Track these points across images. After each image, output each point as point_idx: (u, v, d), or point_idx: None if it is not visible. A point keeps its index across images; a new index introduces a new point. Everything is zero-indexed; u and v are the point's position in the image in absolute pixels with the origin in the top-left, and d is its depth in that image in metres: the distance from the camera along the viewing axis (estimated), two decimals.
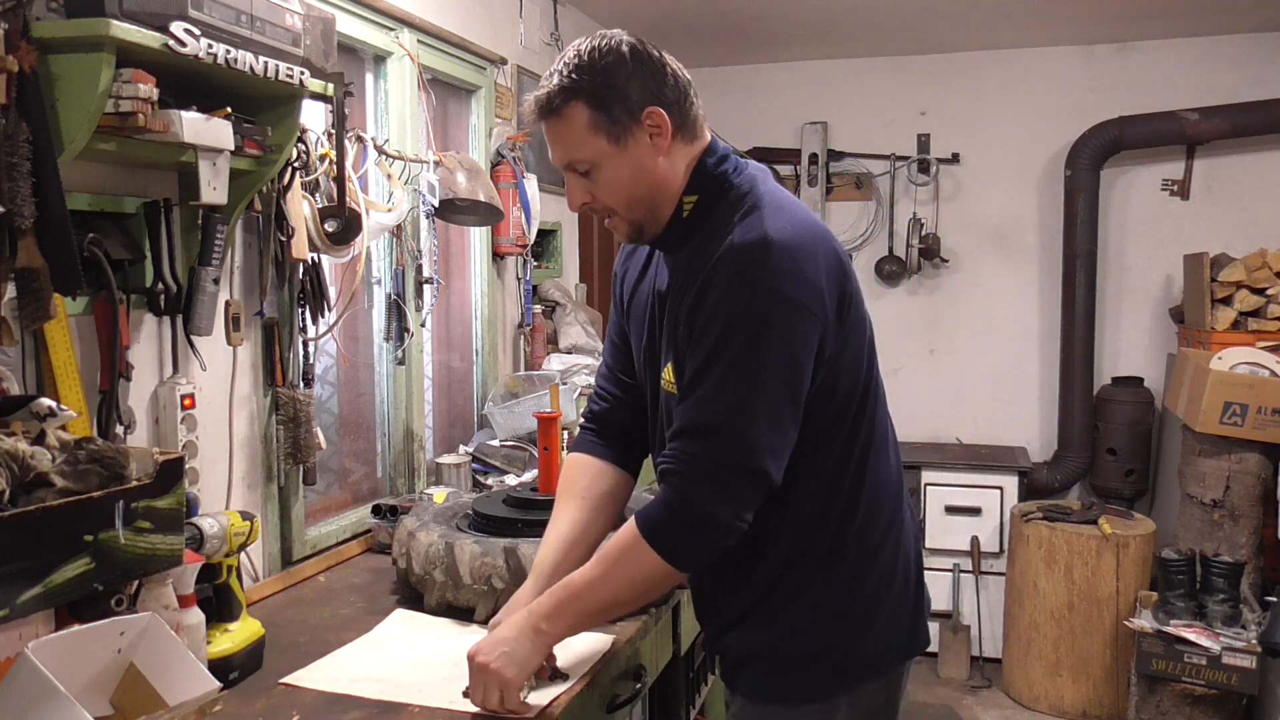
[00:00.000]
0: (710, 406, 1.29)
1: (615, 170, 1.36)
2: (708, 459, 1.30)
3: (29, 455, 1.30)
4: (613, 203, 1.40)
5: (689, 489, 1.31)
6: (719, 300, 1.30)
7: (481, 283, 3.06)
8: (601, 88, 1.33)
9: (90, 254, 1.58)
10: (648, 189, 1.38)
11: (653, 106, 1.35)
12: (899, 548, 1.49)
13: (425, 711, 1.45)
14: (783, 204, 1.39)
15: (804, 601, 1.43)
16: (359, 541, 2.35)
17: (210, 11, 1.53)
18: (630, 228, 1.43)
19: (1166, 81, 4.38)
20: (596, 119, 1.34)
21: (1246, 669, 3.08)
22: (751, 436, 1.29)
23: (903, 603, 1.49)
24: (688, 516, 1.31)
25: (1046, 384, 4.66)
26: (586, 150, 1.36)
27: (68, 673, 1.19)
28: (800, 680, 1.44)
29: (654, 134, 1.36)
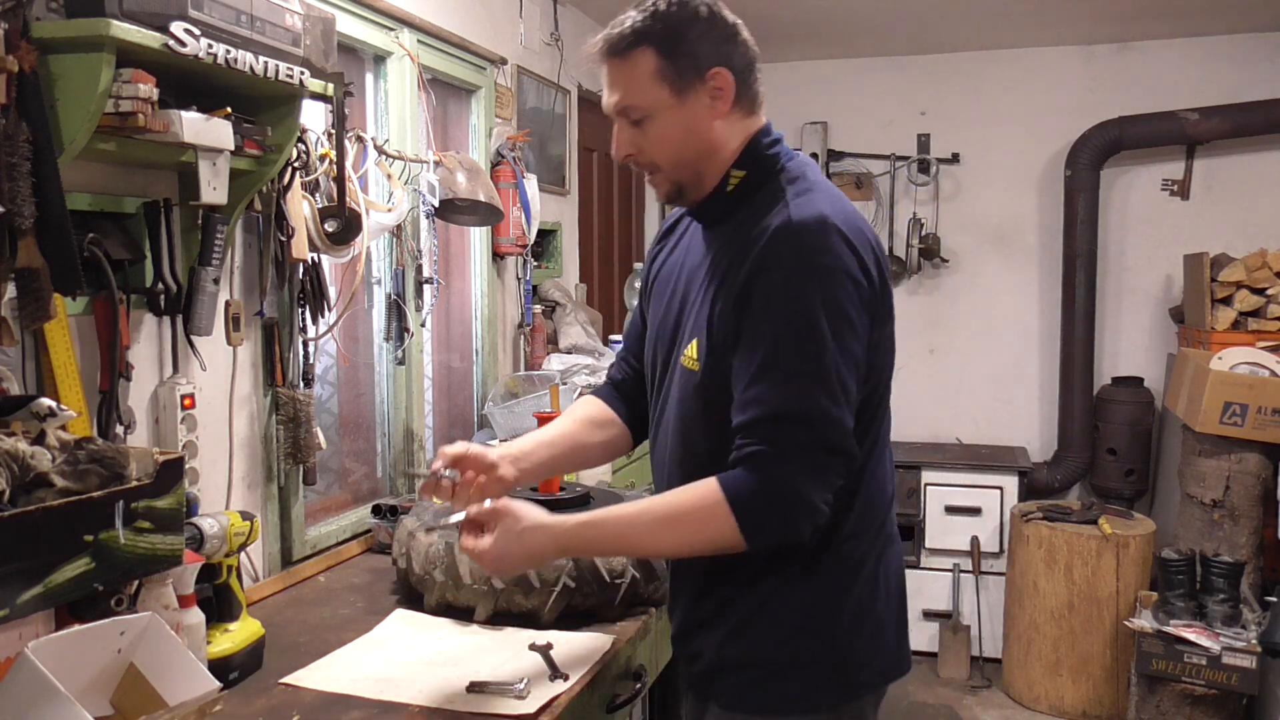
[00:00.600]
0: (793, 389, 1.27)
1: (670, 124, 1.35)
2: (799, 441, 1.27)
3: (29, 455, 1.29)
4: (660, 158, 1.39)
5: (783, 471, 1.27)
6: (785, 279, 1.28)
7: (481, 283, 3.06)
8: (673, 38, 1.32)
9: (90, 254, 1.58)
10: (697, 150, 1.37)
11: (719, 68, 1.34)
12: (886, 561, 1.46)
13: (425, 711, 1.45)
14: (833, 192, 1.40)
15: (787, 607, 1.39)
16: (359, 541, 2.35)
17: (210, 11, 1.53)
18: (671, 187, 1.42)
19: (1166, 81, 4.38)
20: (662, 67, 1.33)
21: (1246, 669, 3.08)
22: (836, 416, 1.28)
23: (887, 619, 1.46)
24: (782, 497, 1.27)
25: (1046, 384, 4.66)
26: (645, 98, 1.35)
27: (68, 673, 1.19)
28: (783, 691, 1.40)
29: (715, 95, 1.35)
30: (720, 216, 1.42)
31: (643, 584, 1.81)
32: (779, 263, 1.29)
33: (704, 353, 1.37)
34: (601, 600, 1.76)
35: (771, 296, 1.29)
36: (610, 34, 1.35)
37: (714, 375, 1.36)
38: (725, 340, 1.34)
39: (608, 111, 1.40)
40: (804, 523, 1.29)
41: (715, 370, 1.36)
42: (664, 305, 1.51)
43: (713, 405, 1.37)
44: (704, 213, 1.44)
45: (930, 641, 4.29)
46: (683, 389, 1.42)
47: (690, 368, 1.40)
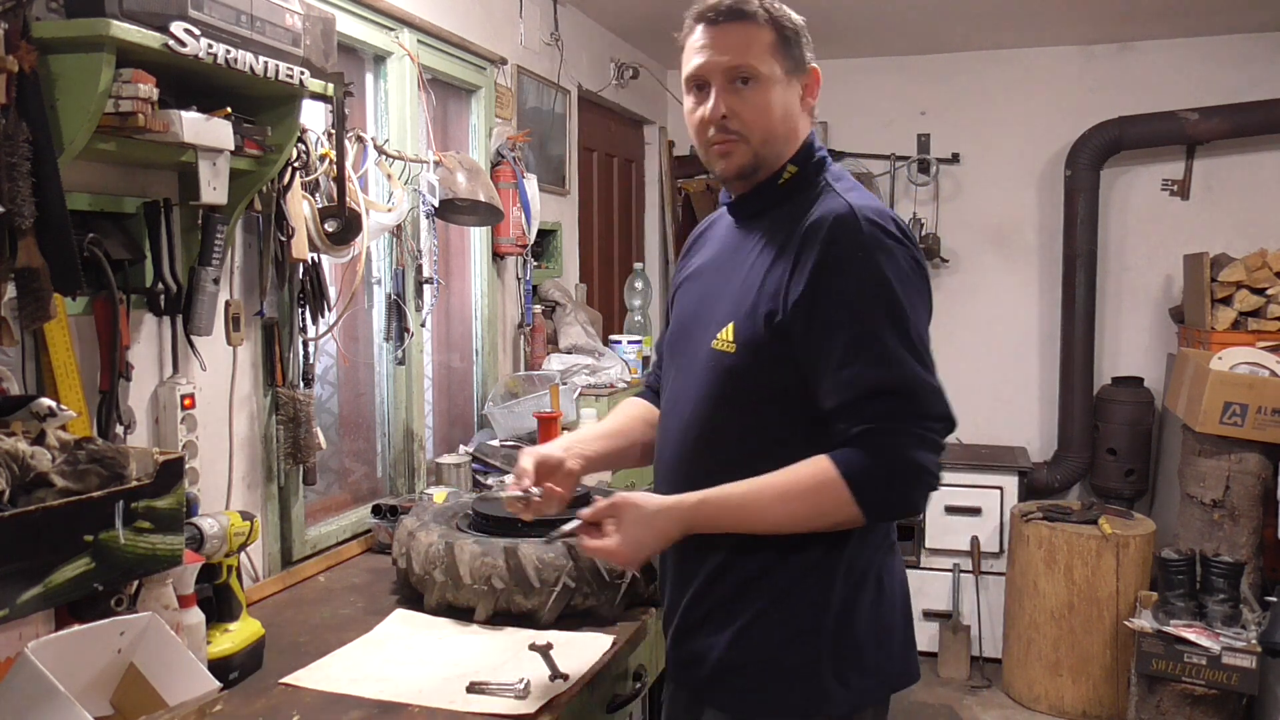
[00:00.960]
0: (889, 364, 1.31)
1: (774, 96, 1.43)
2: (904, 414, 1.31)
3: (29, 455, 1.29)
4: (754, 126, 1.42)
5: (895, 445, 1.30)
6: (862, 260, 1.33)
7: (481, 283, 3.06)
8: (788, 29, 1.44)
9: (90, 254, 1.58)
10: (785, 131, 1.45)
11: (818, 68, 1.49)
12: (891, 567, 1.48)
13: (425, 711, 1.45)
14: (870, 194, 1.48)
15: (797, 608, 1.39)
16: (359, 541, 2.35)
17: (210, 11, 1.53)
18: (750, 160, 1.45)
19: (1166, 81, 4.38)
20: (779, 47, 1.43)
21: (1246, 669, 3.08)
22: (932, 384, 1.34)
23: (894, 626, 1.46)
24: (899, 473, 1.31)
25: (1046, 384, 4.66)
26: (764, 64, 1.41)
27: (68, 673, 1.19)
28: (786, 696, 1.40)
29: (808, 90, 1.48)
30: (761, 209, 1.48)
31: (643, 584, 1.81)
32: (852, 245, 1.33)
33: (743, 335, 1.39)
34: (601, 600, 1.77)
35: (850, 278, 1.33)
36: (736, 3, 1.42)
37: (752, 357, 1.38)
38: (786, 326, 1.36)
39: (707, 72, 1.43)
40: (920, 493, 1.33)
41: (754, 352, 1.38)
42: (687, 302, 1.56)
43: (745, 385, 1.40)
44: (747, 204, 1.50)
45: (930, 641, 4.28)
46: (712, 371, 1.43)
47: (723, 350, 1.41)
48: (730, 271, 1.47)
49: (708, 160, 1.49)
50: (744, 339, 1.39)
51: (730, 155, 1.45)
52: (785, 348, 1.36)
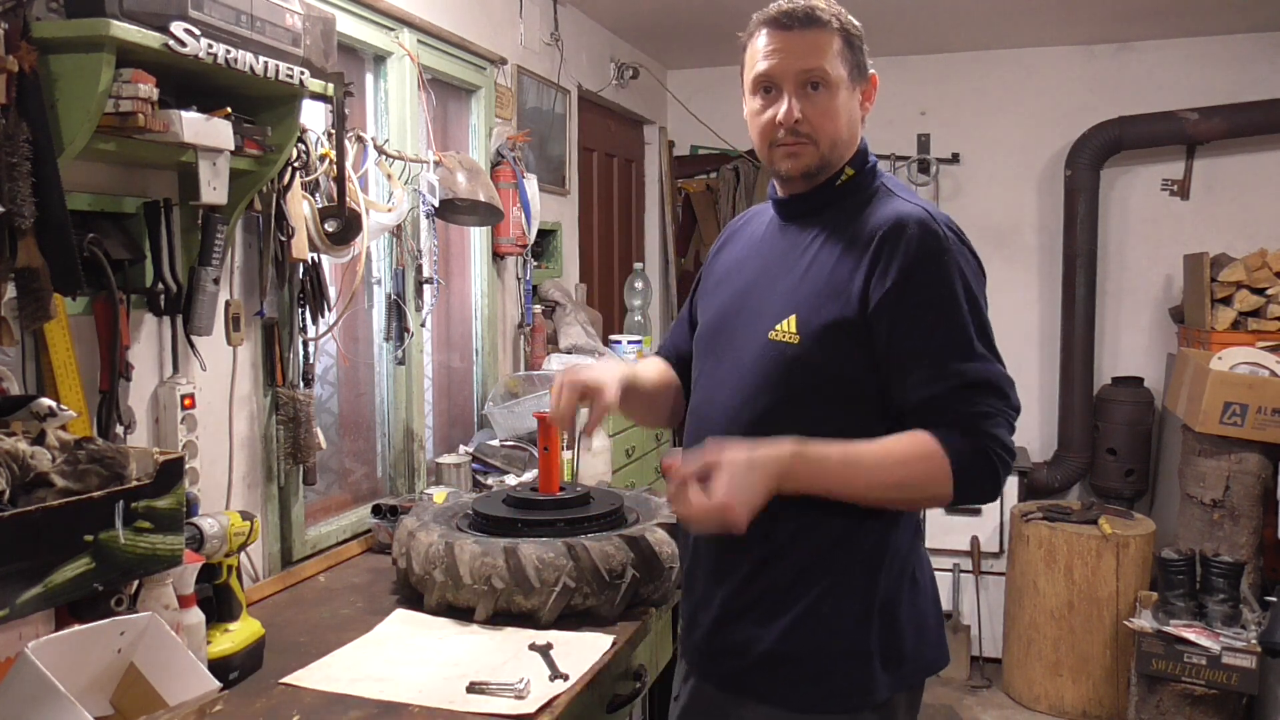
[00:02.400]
0: (980, 360, 1.39)
1: (841, 101, 1.48)
2: (997, 406, 1.38)
3: (29, 455, 1.30)
4: (824, 129, 1.47)
5: (993, 433, 1.36)
6: (946, 265, 1.40)
7: (481, 283, 3.06)
8: (852, 37, 1.50)
9: (90, 254, 1.58)
10: (848, 135, 1.51)
11: (876, 75, 1.55)
12: (920, 555, 1.54)
13: (425, 711, 1.45)
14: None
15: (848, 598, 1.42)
16: (359, 541, 2.35)
17: (210, 11, 1.53)
18: (816, 161, 1.49)
19: (1166, 81, 4.38)
20: (846, 53, 1.49)
21: (1246, 669, 3.08)
22: (1011, 380, 1.41)
23: (928, 611, 1.53)
24: (995, 458, 1.36)
25: (1046, 384, 4.66)
26: (834, 68, 1.47)
27: (68, 673, 1.19)
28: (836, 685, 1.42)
29: (866, 95, 1.55)
30: (817, 209, 1.52)
31: (643, 584, 1.81)
32: (936, 250, 1.41)
33: (809, 327, 1.42)
34: (601, 600, 1.76)
35: (936, 281, 1.39)
36: (808, 8, 1.47)
37: (818, 348, 1.41)
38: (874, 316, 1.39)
39: (778, 75, 1.47)
40: (1005, 477, 1.38)
41: (821, 344, 1.41)
42: (729, 293, 1.58)
43: (808, 375, 1.42)
44: (801, 203, 1.54)
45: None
46: (771, 362, 1.44)
47: (785, 340, 1.43)
48: (783, 267, 1.50)
49: (770, 159, 1.52)
50: (810, 330, 1.42)
51: (798, 157, 1.48)
52: (858, 343, 1.40)
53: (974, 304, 1.41)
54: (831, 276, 1.43)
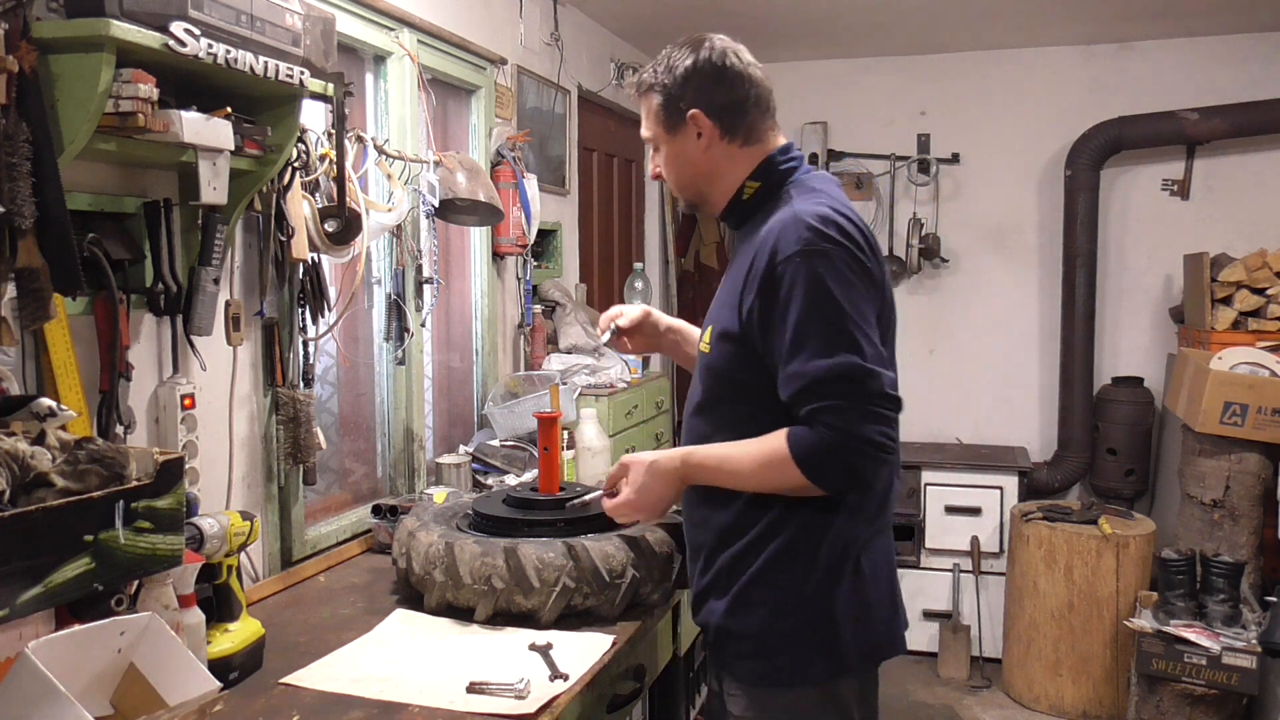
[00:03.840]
0: (828, 356, 1.44)
1: (668, 154, 1.67)
2: (845, 395, 1.43)
3: (29, 455, 1.30)
4: (669, 179, 1.70)
5: (837, 423, 1.43)
6: (798, 262, 1.46)
7: (481, 283, 3.06)
8: (665, 87, 1.62)
9: (90, 254, 1.58)
10: (694, 175, 1.66)
11: (697, 110, 1.60)
12: (874, 548, 1.58)
13: (425, 711, 1.45)
14: (839, 196, 1.60)
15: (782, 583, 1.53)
16: (359, 541, 2.35)
17: (210, 11, 1.53)
18: (684, 202, 1.74)
19: (1166, 81, 4.38)
20: (660, 111, 1.64)
21: (1246, 669, 3.08)
22: (869, 368, 1.44)
23: (876, 603, 1.57)
24: (840, 447, 1.43)
25: (1046, 384, 4.66)
26: (651, 131, 1.68)
27: (68, 673, 1.19)
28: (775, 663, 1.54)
29: (699, 134, 1.61)
30: (741, 220, 1.66)
31: (643, 584, 1.81)
32: (789, 249, 1.47)
33: (714, 339, 1.59)
34: (601, 600, 1.77)
35: (790, 281, 1.46)
36: (638, 78, 1.69)
37: (722, 357, 1.57)
38: (743, 334, 1.53)
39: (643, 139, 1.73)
40: (865, 464, 1.44)
41: (723, 353, 1.57)
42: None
43: (720, 382, 1.60)
44: (727, 217, 1.69)
45: (930, 641, 4.29)
46: (702, 370, 1.65)
47: (705, 351, 1.62)
48: (724, 280, 1.66)
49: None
50: (716, 341, 1.59)
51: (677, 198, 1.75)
52: (748, 350, 1.53)
53: (828, 303, 1.44)
54: (733, 288, 1.57)
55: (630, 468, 1.65)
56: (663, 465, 1.62)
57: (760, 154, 1.62)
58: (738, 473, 1.54)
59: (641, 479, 1.63)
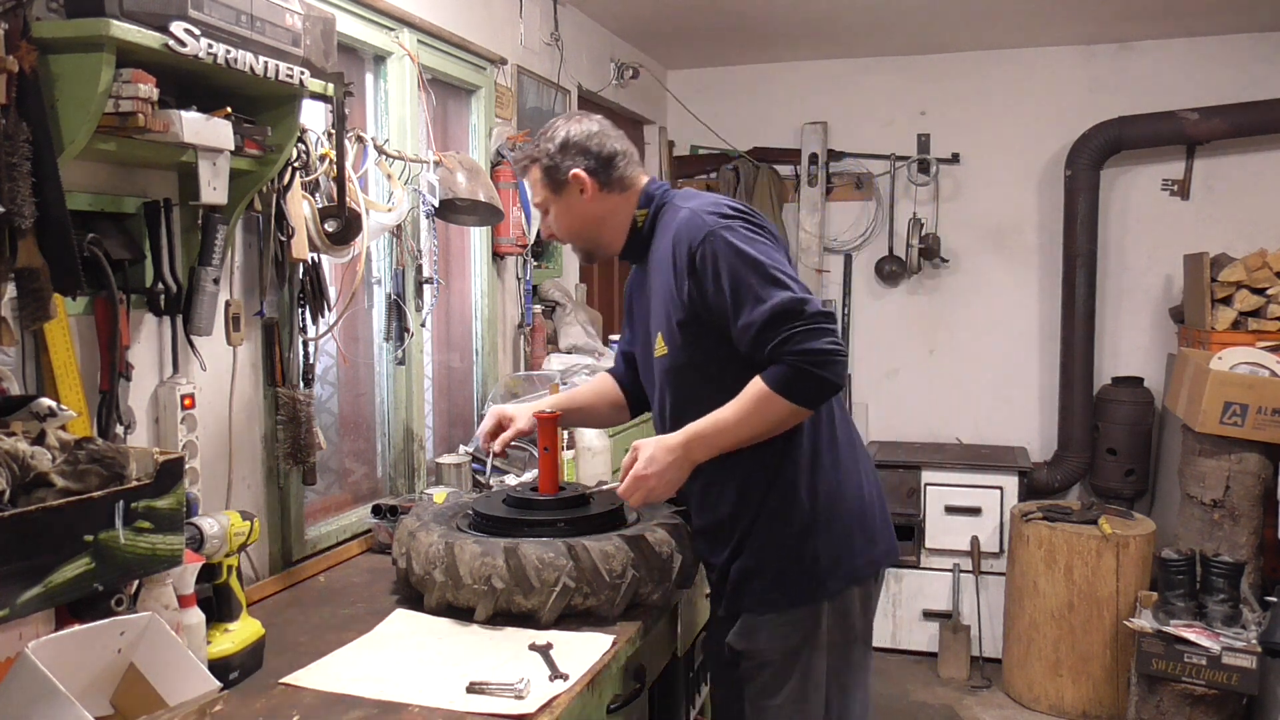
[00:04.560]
0: (764, 301, 1.69)
1: (558, 212, 1.94)
2: (790, 326, 1.68)
3: (29, 455, 1.30)
4: (561, 234, 1.97)
5: (794, 350, 1.67)
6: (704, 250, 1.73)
7: (481, 283, 3.06)
8: (546, 156, 1.90)
9: (90, 254, 1.58)
10: (583, 225, 1.94)
11: (578, 170, 1.88)
12: (861, 468, 1.90)
13: (425, 711, 1.45)
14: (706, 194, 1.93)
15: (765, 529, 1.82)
16: (359, 541, 2.35)
17: (210, 11, 1.53)
18: (581, 253, 2.03)
19: (1166, 81, 4.38)
20: (543, 178, 1.92)
21: (1246, 669, 3.08)
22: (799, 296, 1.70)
23: (853, 528, 1.85)
24: (807, 368, 1.67)
25: (1046, 384, 4.66)
26: (540, 198, 1.95)
27: (68, 673, 1.19)
28: (790, 588, 1.81)
29: (581, 189, 1.89)
30: (643, 250, 1.94)
31: (643, 584, 1.81)
32: (699, 235, 1.75)
33: (666, 338, 1.86)
34: (601, 600, 1.76)
35: (711, 257, 1.73)
36: (516, 157, 2.00)
37: (674, 350, 1.85)
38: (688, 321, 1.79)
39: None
40: (827, 370, 1.68)
41: (674, 346, 1.85)
42: (640, 330, 2.03)
43: (683, 371, 1.86)
44: (629, 253, 1.96)
45: (930, 641, 4.29)
46: (664, 373, 1.91)
47: (661, 355, 1.89)
48: (646, 301, 1.95)
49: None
50: (670, 340, 1.85)
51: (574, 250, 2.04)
52: (702, 332, 1.79)
53: (748, 258, 1.71)
54: (665, 291, 1.84)
55: (641, 447, 1.82)
56: (670, 442, 1.79)
57: (635, 193, 1.92)
58: (735, 427, 1.75)
59: (651, 452, 1.79)
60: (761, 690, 1.85)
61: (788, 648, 1.83)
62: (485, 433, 2.13)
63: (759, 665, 1.85)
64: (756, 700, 1.86)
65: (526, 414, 2.10)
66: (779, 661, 1.83)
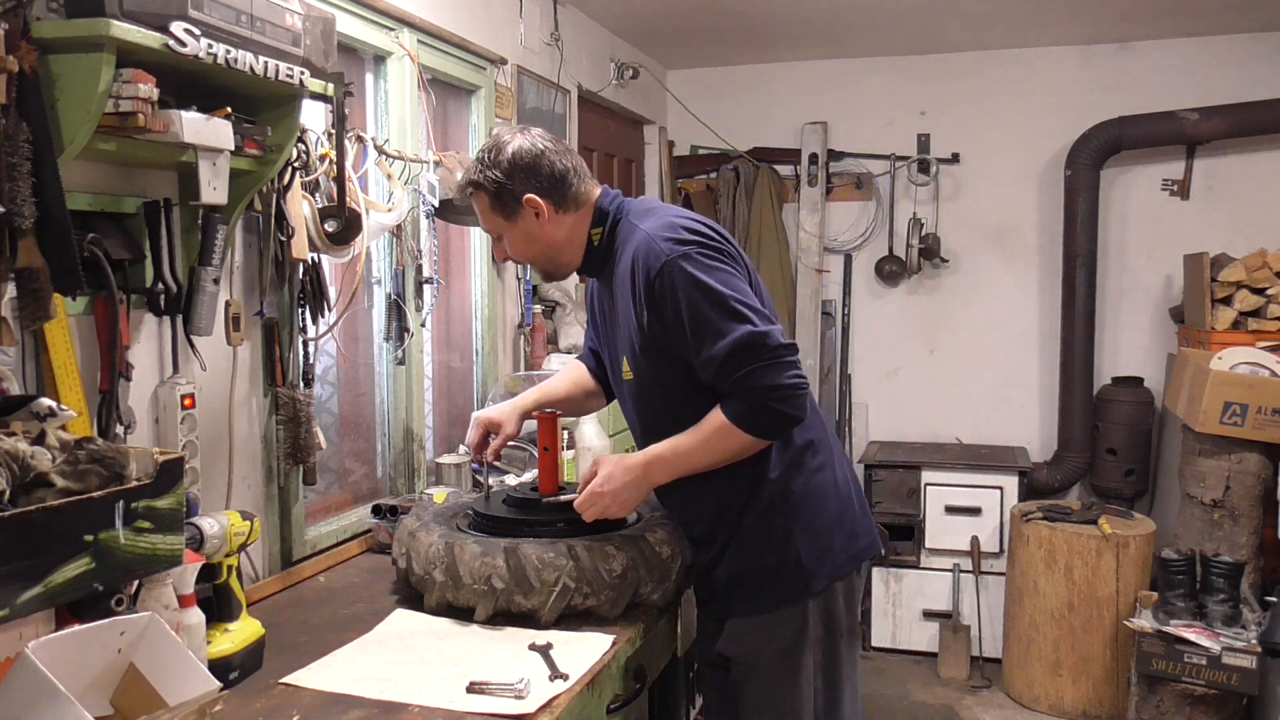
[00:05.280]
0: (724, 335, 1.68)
1: (513, 238, 1.85)
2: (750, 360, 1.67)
3: (29, 455, 1.29)
4: (519, 258, 1.90)
5: (752, 384, 1.68)
6: (664, 280, 1.70)
7: (481, 283, 3.06)
8: (493, 182, 1.79)
9: (90, 254, 1.58)
10: (541, 249, 1.86)
11: (530, 194, 1.79)
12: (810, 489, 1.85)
13: (425, 711, 1.45)
14: (665, 204, 1.93)
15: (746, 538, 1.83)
16: (359, 541, 2.35)
17: (210, 11, 1.53)
18: (540, 273, 1.96)
19: (1166, 81, 4.38)
20: (493, 204, 1.82)
21: (1246, 669, 3.08)
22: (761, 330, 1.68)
23: (834, 530, 1.85)
24: (765, 402, 1.68)
25: (1046, 384, 4.66)
26: (492, 225, 1.85)
27: (68, 673, 1.19)
28: (775, 590, 1.83)
29: (536, 214, 1.80)
30: (600, 266, 1.89)
31: (643, 584, 1.81)
32: (656, 264, 1.71)
33: (632, 363, 1.85)
34: (601, 600, 1.76)
35: (669, 288, 1.70)
36: (460, 182, 1.86)
37: (641, 376, 1.84)
38: (648, 346, 1.78)
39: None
40: (787, 405, 1.70)
41: (641, 372, 1.84)
42: (605, 339, 1.99)
43: (647, 392, 1.86)
44: (588, 269, 1.92)
45: (930, 641, 4.29)
46: (632, 396, 1.91)
47: (629, 379, 1.88)
48: (612, 318, 1.91)
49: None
50: (636, 365, 1.84)
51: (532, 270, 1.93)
52: (660, 356, 1.77)
53: (706, 289, 1.68)
54: (627, 317, 1.81)
55: (601, 463, 1.82)
56: (630, 462, 1.80)
57: (590, 209, 1.85)
58: (694, 455, 1.77)
59: (610, 470, 1.79)
60: (753, 691, 1.86)
61: (776, 648, 1.84)
62: (474, 444, 2.08)
63: (749, 667, 1.86)
64: (749, 701, 1.87)
65: (512, 416, 2.06)
66: (768, 662, 1.85)
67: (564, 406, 2.16)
